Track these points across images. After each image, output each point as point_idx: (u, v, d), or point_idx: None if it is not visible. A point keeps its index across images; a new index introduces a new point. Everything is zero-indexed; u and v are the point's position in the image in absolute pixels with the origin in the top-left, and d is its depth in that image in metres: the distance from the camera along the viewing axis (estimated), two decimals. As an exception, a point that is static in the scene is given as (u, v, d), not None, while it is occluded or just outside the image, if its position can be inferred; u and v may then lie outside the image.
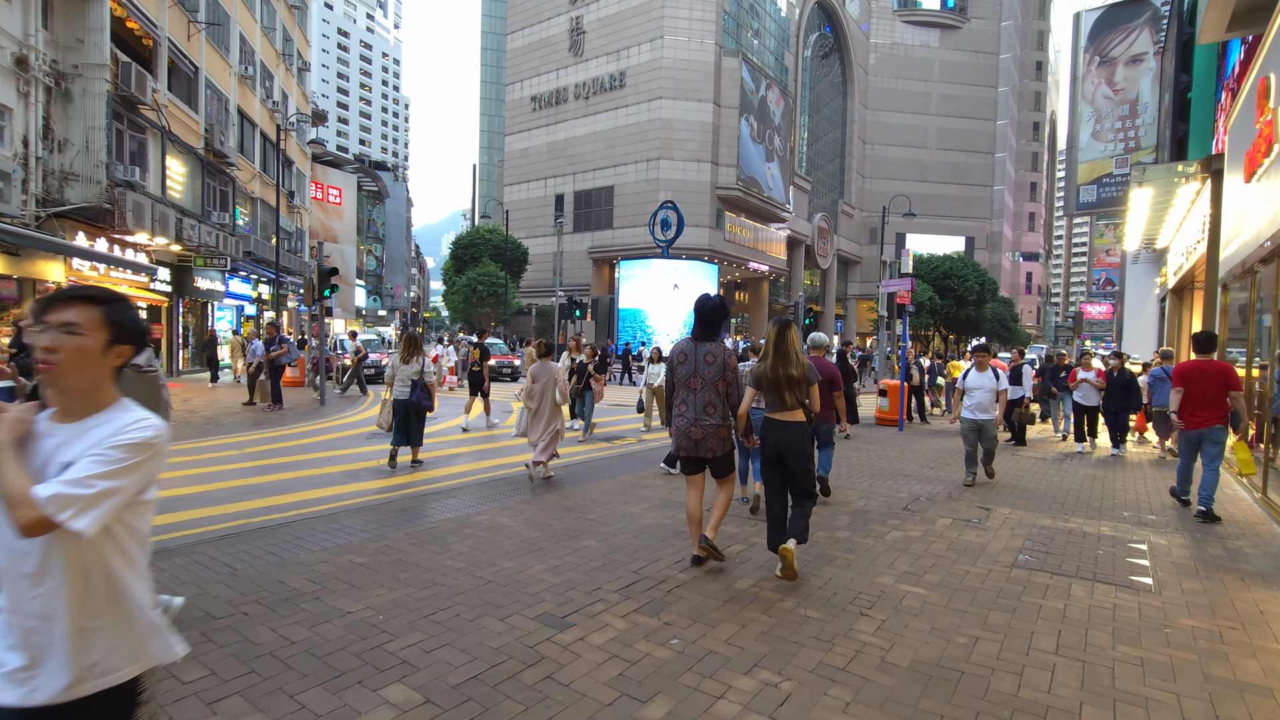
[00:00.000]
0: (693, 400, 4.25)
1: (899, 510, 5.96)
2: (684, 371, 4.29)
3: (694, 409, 4.24)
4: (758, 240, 46.91)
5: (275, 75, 26.85)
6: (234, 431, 9.85)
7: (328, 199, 50.00)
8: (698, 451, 4.24)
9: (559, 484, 6.73)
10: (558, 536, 4.88)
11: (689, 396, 4.27)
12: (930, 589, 4.00)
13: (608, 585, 3.91)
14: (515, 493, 6.27)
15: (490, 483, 6.75)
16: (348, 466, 7.54)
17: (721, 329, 4.42)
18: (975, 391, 7.19)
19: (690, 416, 4.24)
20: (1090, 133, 25.58)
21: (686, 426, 4.25)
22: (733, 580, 4.07)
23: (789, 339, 4.21)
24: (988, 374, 7.20)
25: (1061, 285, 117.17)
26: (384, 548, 4.52)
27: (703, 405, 4.22)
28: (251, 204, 24.89)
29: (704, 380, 4.24)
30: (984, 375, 7.20)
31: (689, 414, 4.25)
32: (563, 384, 6.88)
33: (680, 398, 4.31)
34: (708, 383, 4.23)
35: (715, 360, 4.24)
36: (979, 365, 7.28)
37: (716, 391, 4.23)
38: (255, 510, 5.62)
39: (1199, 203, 12.47)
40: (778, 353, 4.19)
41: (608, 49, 45.35)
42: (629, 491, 6.42)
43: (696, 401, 4.24)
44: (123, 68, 14.86)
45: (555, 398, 6.82)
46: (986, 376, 7.19)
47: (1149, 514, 6.13)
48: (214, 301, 22.38)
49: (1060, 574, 4.34)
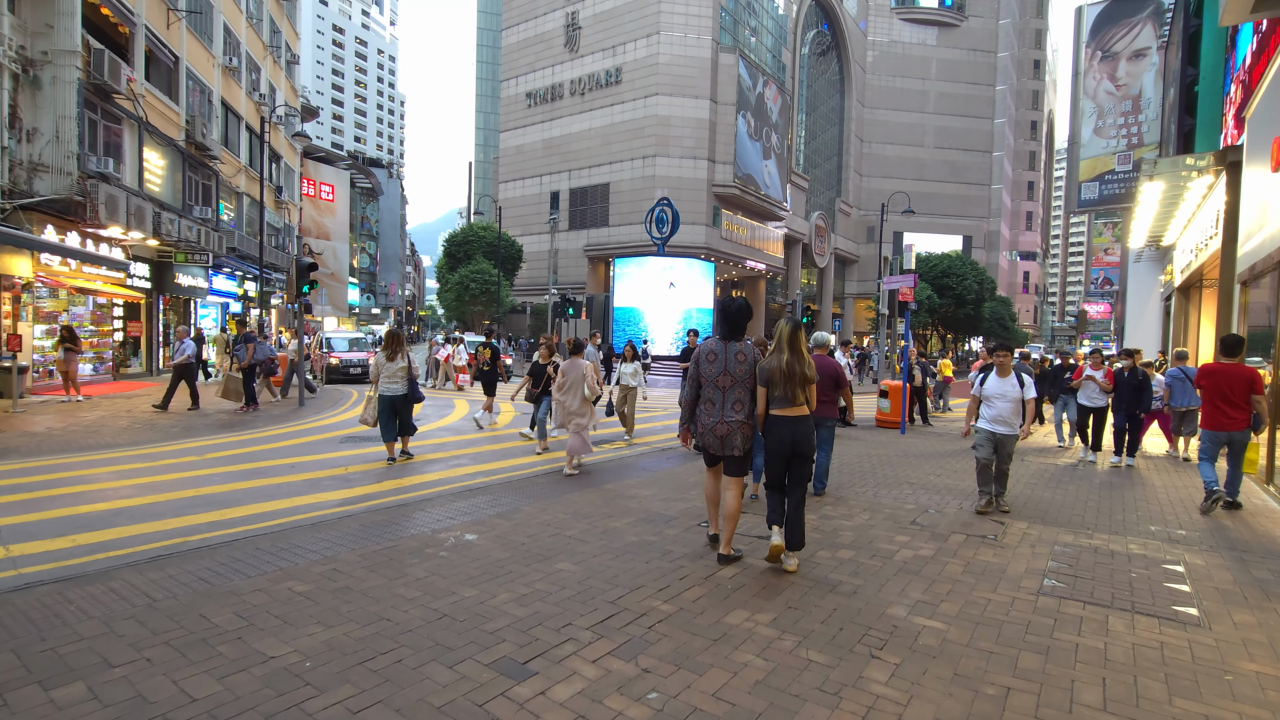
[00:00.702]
0: (720, 398, 4.34)
1: (907, 524, 5.47)
2: (713, 370, 4.37)
3: (721, 407, 4.34)
4: (754, 239, 46.43)
5: (262, 68, 26.25)
6: (200, 435, 9.31)
7: (320, 196, 49.40)
8: (724, 450, 4.34)
9: (537, 494, 6.23)
10: (530, 557, 4.38)
11: (716, 395, 4.36)
12: (949, 622, 3.52)
13: (580, 620, 3.41)
14: (490, 505, 5.77)
15: (465, 493, 6.25)
16: (312, 475, 7.02)
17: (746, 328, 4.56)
18: (995, 401, 5.95)
19: (717, 414, 4.34)
20: (1092, 129, 25.16)
21: (713, 424, 4.33)
22: (724, 612, 3.57)
23: (800, 338, 4.31)
24: (1010, 380, 5.95)
25: (1058, 285, 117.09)
26: (331, 572, 4.00)
27: (731, 403, 4.33)
28: (237, 199, 24.29)
29: (734, 379, 4.34)
30: (1005, 381, 5.96)
31: (715, 412, 4.35)
32: (591, 379, 7.27)
33: (706, 396, 4.40)
34: (738, 381, 4.34)
35: (746, 359, 4.36)
36: (1000, 368, 6.03)
37: (746, 389, 4.35)
38: (198, 526, 5.10)
39: (1211, 197, 12.03)
40: (792, 350, 4.27)
41: (604, 44, 44.80)
42: (613, 504, 5.92)
43: (725, 399, 4.34)
44: (95, 55, 14.28)
45: (585, 392, 7.26)
46: (1008, 383, 5.94)
47: (1178, 528, 5.66)
48: (197, 299, 21.79)
49: (1094, 603, 3.85)
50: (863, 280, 62.13)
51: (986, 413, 6.02)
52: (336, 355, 19.89)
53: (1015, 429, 5.93)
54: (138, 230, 15.56)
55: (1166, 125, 20.48)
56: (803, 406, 4.29)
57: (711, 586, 3.93)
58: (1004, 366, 6.02)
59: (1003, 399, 5.93)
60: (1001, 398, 5.93)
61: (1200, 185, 11.90)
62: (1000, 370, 6.03)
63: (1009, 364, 6.04)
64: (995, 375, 6.03)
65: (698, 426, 4.45)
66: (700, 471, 7.47)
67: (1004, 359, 6.04)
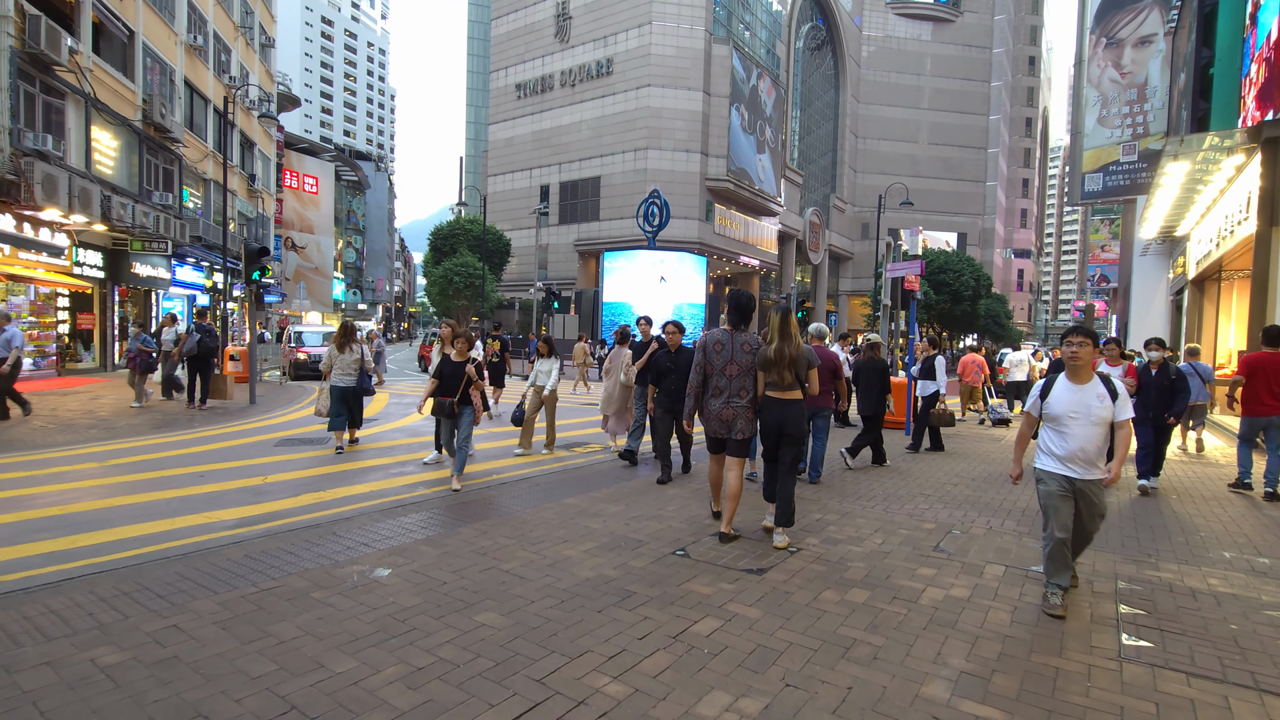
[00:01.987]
0: (727, 385, 4.54)
1: (929, 551, 4.47)
2: (720, 359, 4.56)
3: (727, 394, 4.54)
4: (748, 234, 45.44)
5: (233, 49, 25.01)
6: (119, 437, 8.21)
7: (303, 188, 48.15)
8: (729, 433, 4.53)
9: (483, 512, 5.20)
10: (446, 605, 3.34)
11: (724, 383, 4.55)
12: (1009, 711, 2.51)
13: (487, 717, 2.38)
14: (423, 526, 4.73)
15: (397, 509, 5.20)
16: (220, 486, 5.95)
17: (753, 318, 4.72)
18: (1069, 424, 3.58)
19: (723, 401, 4.54)
20: (1096, 119, 24.29)
21: (719, 410, 4.54)
22: (697, 697, 2.55)
23: (791, 322, 4.43)
24: (1092, 388, 3.58)
25: (1051, 283, 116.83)
26: (167, 632, 2.96)
27: (736, 389, 4.53)
28: (204, 185, 23.08)
29: (740, 367, 4.53)
30: (1086, 391, 3.58)
31: (722, 398, 4.54)
32: (629, 368, 7.32)
33: (714, 384, 4.58)
34: (744, 369, 4.53)
35: (751, 349, 4.55)
36: (1073, 371, 3.64)
37: (751, 378, 4.55)
38: (41, 558, 4.04)
39: (1239, 180, 11.13)
40: (781, 334, 4.41)
41: (594, 35, 43.69)
42: (573, 523, 4.89)
43: (731, 387, 4.54)
44: (31, 21, 13.11)
45: (621, 378, 7.49)
46: (1091, 394, 3.57)
47: (1256, 555, 4.68)
48: (158, 290, 20.57)
49: (1199, 674, 2.86)
50: (857, 277, 61.31)
51: (1054, 444, 3.63)
52: (305, 350, 18.76)
53: (1099, 471, 3.57)
54: (82, 214, 14.39)
55: (1176, 112, 19.62)
56: (794, 390, 4.44)
57: (682, 651, 2.91)
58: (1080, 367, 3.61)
59: (1082, 420, 3.54)
60: (1081, 418, 3.54)
61: (1228, 167, 11.00)
62: (1074, 374, 3.64)
63: (1089, 363, 3.62)
64: (1065, 380, 3.66)
65: (705, 413, 4.64)
66: (686, 478, 6.47)
67: (1083, 353, 3.57)
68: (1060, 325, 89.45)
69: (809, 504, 5.67)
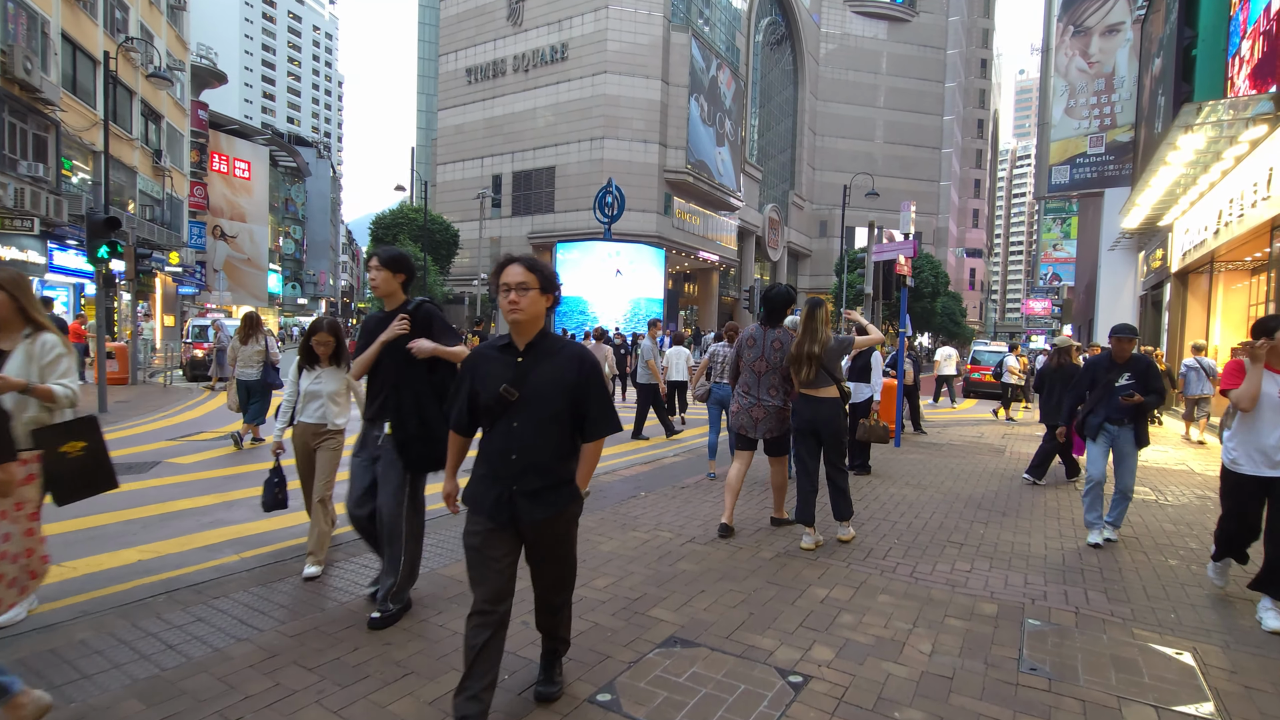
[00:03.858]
0: (756, 382, 4.46)
1: (1009, 667, 2.85)
2: (752, 355, 4.48)
3: (756, 390, 4.46)
4: (707, 229, 44.15)
5: (131, 6, 22.09)
6: None
7: (234, 172, 44.40)
8: (756, 432, 4.46)
9: (308, 603, 3.36)
10: None
11: (752, 379, 4.48)
12: None
13: None
14: (184, 639, 2.87)
15: (168, 595, 3.30)
16: None
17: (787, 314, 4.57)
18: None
19: (753, 398, 4.46)
20: (1063, 109, 23.69)
21: (749, 406, 4.47)
22: None
23: (816, 316, 4.28)
24: None
25: (999, 282, 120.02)
26: None
27: (766, 387, 4.44)
28: (93, 159, 20.18)
29: (769, 364, 4.44)
30: None
31: (751, 395, 4.48)
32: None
33: (743, 380, 4.53)
34: (773, 366, 4.43)
35: (782, 346, 4.44)
36: None
37: (782, 375, 4.43)
38: None
39: (1252, 157, 10.09)
40: (806, 330, 4.28)
41: (548, 18, 41.62)
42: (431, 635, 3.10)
43: (761, 384, 4.44)
44: None
45: None
46: None
47: None
48: (31, 277, 17.71)
49: None
50: (815, 275, 60.92)
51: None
52: (204, 346, 16.30)
53: None
54: (-97, 180, 11.77)
55: (1149, 100, 18.97)
56: (825, 387, 4.27)
57: None
58: None
59: None
60: None
61: (1244, 142, 9.92)
62: None
63: None
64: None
65: (733, 407, 4.56)
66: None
67: None
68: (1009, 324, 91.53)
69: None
